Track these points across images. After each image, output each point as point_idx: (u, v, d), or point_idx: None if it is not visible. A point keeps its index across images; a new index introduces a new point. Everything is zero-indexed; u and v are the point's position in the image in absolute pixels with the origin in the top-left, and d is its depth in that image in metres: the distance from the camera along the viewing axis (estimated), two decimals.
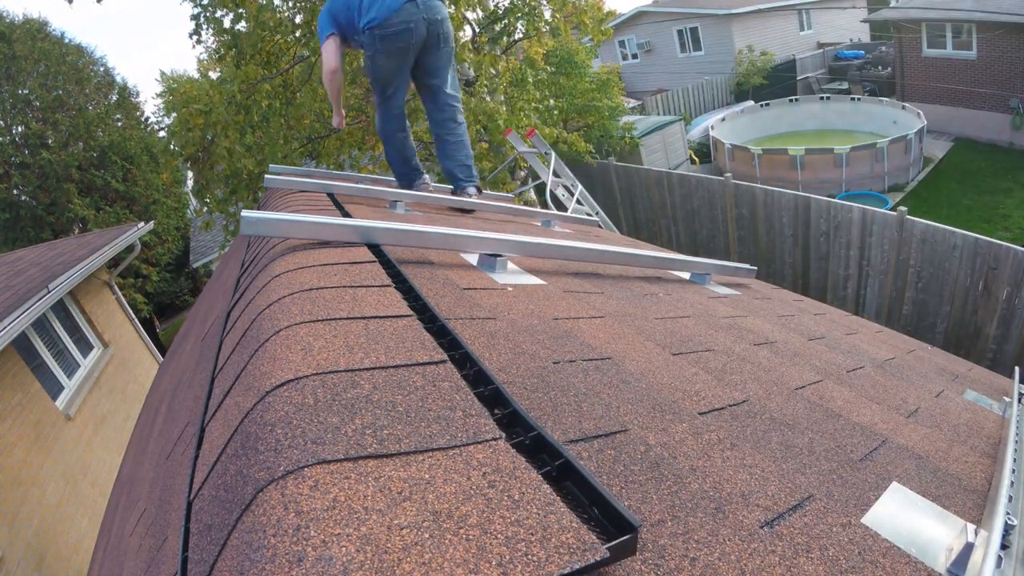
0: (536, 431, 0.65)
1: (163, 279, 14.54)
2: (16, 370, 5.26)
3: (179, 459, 1.04)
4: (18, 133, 13.19)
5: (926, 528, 0.76)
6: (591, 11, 7.42)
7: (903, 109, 13.03)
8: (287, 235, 1.32)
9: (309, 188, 2.62)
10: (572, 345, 1.06)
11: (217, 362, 1.09)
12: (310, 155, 7.41)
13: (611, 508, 0.54)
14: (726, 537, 0.59)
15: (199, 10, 6.11)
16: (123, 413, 6.99)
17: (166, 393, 2.18)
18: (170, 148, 7.36)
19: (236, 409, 0.72)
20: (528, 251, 1.59)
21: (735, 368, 1.21)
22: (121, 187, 13.77)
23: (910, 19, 13.58)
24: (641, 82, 22.06)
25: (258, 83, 6.18)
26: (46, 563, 4.76)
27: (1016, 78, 11.86)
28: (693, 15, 19.78)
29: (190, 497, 0.69)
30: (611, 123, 11.91)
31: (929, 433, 1.17)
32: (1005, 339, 5.64)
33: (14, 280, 6.17)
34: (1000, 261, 5.49)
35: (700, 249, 9.43)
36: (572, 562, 0.46)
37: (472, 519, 0.49)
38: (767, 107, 15.74)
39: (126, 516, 1.49)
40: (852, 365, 1.56)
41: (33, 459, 5.09)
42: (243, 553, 0.46)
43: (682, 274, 2.28)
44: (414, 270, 1.29)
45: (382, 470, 0.54)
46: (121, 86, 15.66)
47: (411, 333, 0.88)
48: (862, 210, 6.77)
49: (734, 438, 0.85)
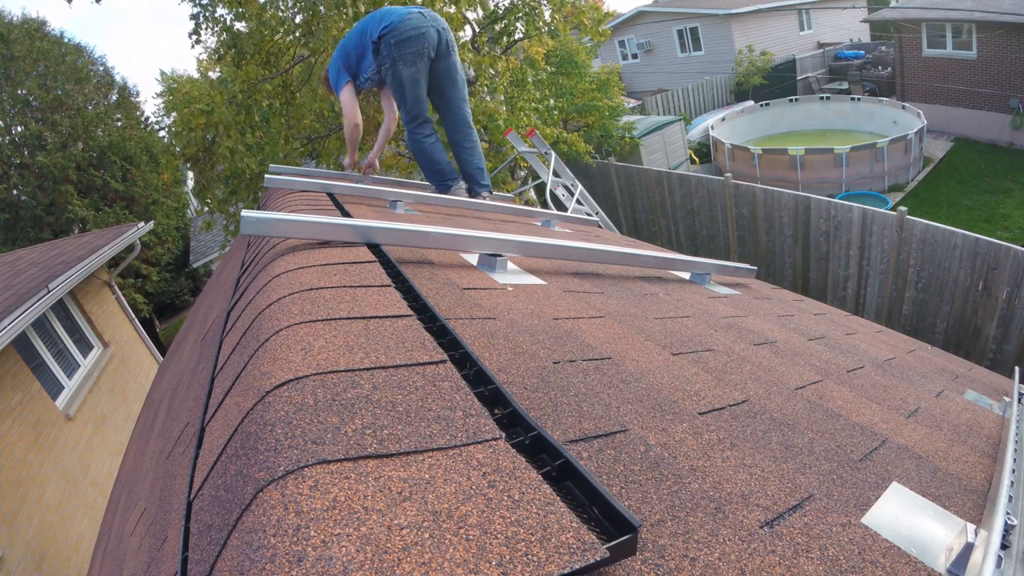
0: (536, 431, 0.65)
1: (163, 279, 14.53)
2: (16, 370, 5.25)
3: (179, 459, 1.04)
4: (17, 133, 13.17)
5: (926, 528, 0.76)
6: (590, 12, 7.43)
7: (903, 109, 13.03)
8: (287, 235, 1.32)
9: (309, 188, 2.62)
10: (572, 345, 1.06)
11: (217, 362, 1.09)
12: (310, 155, 7.40)
13: (611, 508, 0.54)
14: (726, 537, 0.59)
15: (199, 10, 6.12)
16: (123, 413, 6.99)
17: (166, 393, 2.18)
18: (171, 149, 7.36)
19: (236, 409, 0.72)
20: (528, 251, 1.59)
21: (735, 368, 1.20)
22: (120, 187, 13.74)
23: (910, 19, 13.58)
24: (641, 82, 22.07)
25: (259, 83, 6.18)
26: (46, 563, 4.76)
27: (1016, 78, 11.87)
28: (693, 15, 19.79)
29: (190, 497, 0.69)
30: (611, 123, 11.93)
31: (929, 433, 1.16)
32: (1005, 339, 5.64)
33: (14, 280, 6.17)
34: (1000, 261, 5.49)
35: (700, 249, 9.43)
36: (572, 562, 0.46)
37: (472, 519, 0.49)
38: (767, 107, 15.73)
39: (126, 516, 1.49)
40: (852, 365, 1.56)
41: (33, 459, 5.08)
42: (243, 553, 0.46)
43: (682, 274, 2.28)
44: (414, 270, 1.29)
45: (382, 470, 0.54)
46: (121, 85, 15.63)
47: (411, 333, 0.88)
48: (862, 210, 6.77)
49: (734, 438, 0.85)
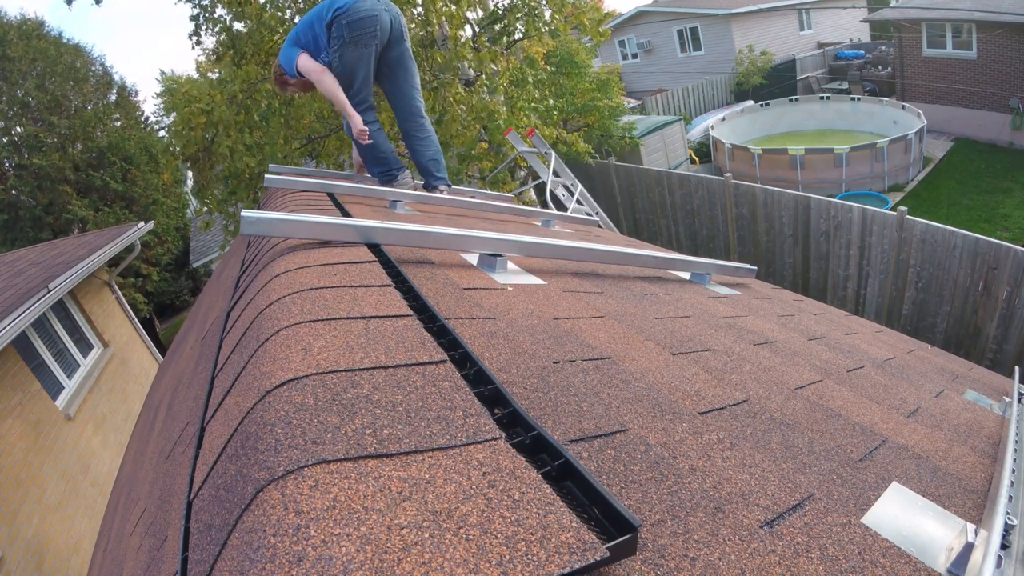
0: (536, 431, 0.65)
1: (163, 279, 14.53)
2: (16, 370, 5.26)
3: (179, 459, 1.04)
4: (16, 134, 13.15)
5: (926, 528, 0.76)
6: (590, 12, 7.43)
7: (903, 109, 13.03)
8: (287, 235, 1.32)
9: (309, 188, 2.62)
10: (572, 345, 1.06)
11: (217, 362, 1.09)
12: (310, 155, 7.40)
13: (611, 508, 0.53)
14: (726, 537, 0.59)
15: (198, 11, 6.11)
16: (123, 413, 6.99)
17: (166, 393, 2.18)
18: (171, 148, 7.36)
19: (236, 409, 0.72)
20: (528, 251, 1.59)
21: (735, 368, 1.20)
22: (120, 187, 13.71)
23: (910, 19, 13.59)
24: (641, 82, 22.06)
25: (258, 83, 6.18)
26: (46, 563, 4.76)
27: (1016, 78, 11.87)
28: (693, 15, 19.79)
29: (190, 497, 0.69)
30: (611, 123, 11.92)
31: (929, 433, 1.16)
32: (1005, 339, 5.64)
33: (14, 280, 6.17)
34: (1000, 261, 5.49)
35: (700, 249, 9.43)
36: (572, 562, 0.46)
37: (472, 519, 0.49)
38: (767, 107, 15.74)
39: (126, 516, 1.49)
40: (852, 365, 1.56)
41: (33, 459, 5.08)
42: (243, 553, 0.46)
43: (682, 274, 2.28)
44: (414, 270, 1.29)
45: (382, 470, 0.54)
46: (120, 85, 15.63)
47: (411, 333, 0.88)
48: (862, 210, 6.77)
49: (734, 438, 0.85)
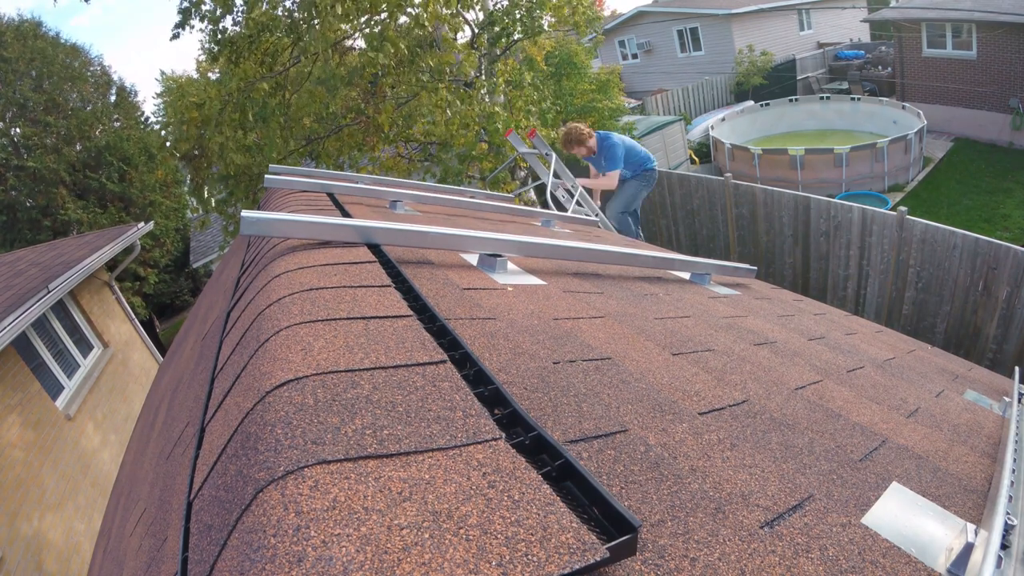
0: (536, 431, 0.65)
1: (162, 280, 14.49)
2: (16, 370, 5.25)
3: (179, 459, 1.04)
4: (15, 135, 13.13)
5: (926, 528, 0.76)
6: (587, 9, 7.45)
7: (903, 109, 13.02)
8: (287, 235, 1.32)
9: (309, 188, 2.62)
10: (572, 345, 1.06)
11: (217, 362, 1.09)
12: (310, 155, 7.40)
13: (611, 508, 0.53)
14: (726, 537, 0.59)
15: (187, 4, 6.01)
16: (123, 413, 6.99)
17: (166, 393, 2.18)
18: (167, 145, 7.34)
19: (236, 409, 0.72)
20: (528, 251, 1.59)
21: (735, 368, 1.20)
22: (117, 188, 13.59)
23: (910, 19, 13.58)
24: (641, 82, 22.05)
25: (256, 81, 6.16)
26: (46, 563, 4.75)
27: (1016, 78, 11.86)
28: (693, 15, 19.78)
29: (190, 497, 0.69)
30: (611, 124, 11.91)
31: (929, 433, 1.16)
32: (1005, 339, 5.64)
33: (14, 280, 6.17)
34: (1000, 261, 5.49)
35: (700, 249, 9.42)
36: (572, 562, 0.46)
37: (472, 519, 0.49)
38: (767, 107, 15.73)
39: (126, 516, 1.49)
40: (852, 365, 1.56)
41: (33, 459, 5.08)
42: (243, 553, 0.46)
43: (682, 274, 2.28)
44: (414, 270, 1.29)
45: (382, 470, 0.54)
46: (119, 85, 15.58)
47: (411, 333, 0.88)
48: (862, 210, 6.76)
49: (734, 438, 0.85)
